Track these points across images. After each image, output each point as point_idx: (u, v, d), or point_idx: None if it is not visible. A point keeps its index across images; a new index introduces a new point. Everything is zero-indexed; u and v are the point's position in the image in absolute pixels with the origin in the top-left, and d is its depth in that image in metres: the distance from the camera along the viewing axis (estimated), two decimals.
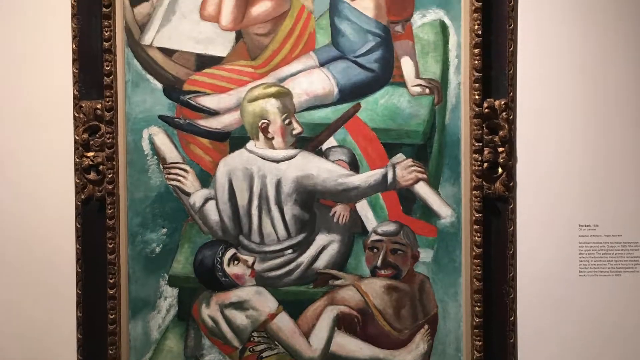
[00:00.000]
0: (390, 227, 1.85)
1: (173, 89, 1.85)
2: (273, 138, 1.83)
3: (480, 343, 1.83)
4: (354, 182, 1.84)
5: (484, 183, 1.84)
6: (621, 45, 1.86)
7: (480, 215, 1.83)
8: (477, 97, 1.82)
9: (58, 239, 1.87)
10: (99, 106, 1.83)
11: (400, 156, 1.86)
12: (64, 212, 1.86)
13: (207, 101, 1.85)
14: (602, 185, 1.86)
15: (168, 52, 1.85)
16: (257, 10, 1.85)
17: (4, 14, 1.87)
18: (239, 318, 1.84)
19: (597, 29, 1.85)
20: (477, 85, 1.82)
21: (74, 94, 1.84)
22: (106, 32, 1.82)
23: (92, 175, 1.85)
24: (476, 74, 1.82)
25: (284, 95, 1.83)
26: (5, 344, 1.87)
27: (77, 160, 1.85)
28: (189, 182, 1.85)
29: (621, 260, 1.86)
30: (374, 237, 1.85)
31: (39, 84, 1.86)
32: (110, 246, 1.83)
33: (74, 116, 1.85)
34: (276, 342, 1.85)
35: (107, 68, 1.82)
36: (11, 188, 1.87)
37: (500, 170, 1.85)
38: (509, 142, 1.85)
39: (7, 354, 1.87)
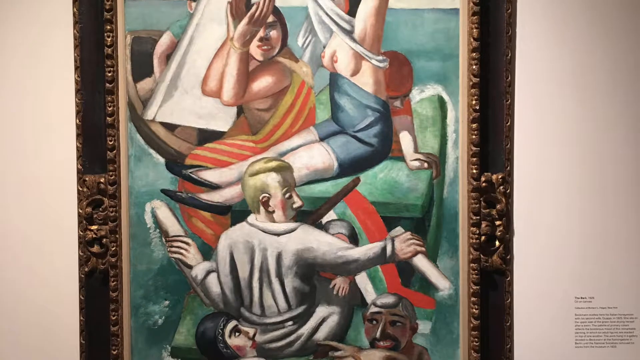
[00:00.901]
0: (389, 300, 1.90)
1: (175, 163, 1.90)
2: (274, 211, 1.88)
3: None
4: (353, 255, 1.89)
5: (482, 256, 1.89)
6: (619, 117, 1.91)
7: (477, 287, 1.88)
8: (474, 171, 1.87)
9: (62, 311, 1.92)
10: (102, 180, 1.89)
11: (399, 229, 1.91)
12: (68, 284, 1.91)
13: (209, 175, 1.90)
14: (597, 258, 1.92)
15: (170, 127, 1.90)
16: (258, 85, 1.90)
17: (10, 90, 1.92)
18: None
19: (593, 102, 1.91)
20: (474, 159, 1.87)
21: (77, 168, 1.90)
22: (109, 107, 1.88)
23: (96, 248, 1.90)
24: (474, 148, 1.87)
25: (284, 169, 1.88)
26: None
27: (81, 233, 1.90)
28: (191, 255, 1.90)
29: (617, 332, 1.91)
30: (373, 309, 1.91)
31: (44, 158, 1.93)
32: (114, 318, 1.89)
33: (78, 190, 1.90)
34: None
35: (111, 142, 1.88)
36: (16, 260, 1.93)
37: (497, 243, 1.90)
38: (506, 215, 1.90)
39: None
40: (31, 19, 1.91)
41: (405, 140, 1.91)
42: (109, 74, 1.87)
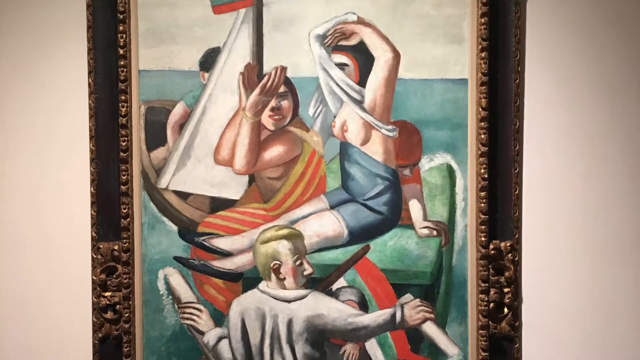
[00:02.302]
0: None
1: (188, 231, 1.97)
2: (285, 278, 1.95)
3: None
4: (363, 321, 1.95)
5: (490, 323, 1.95)
6: (626, 184, 1.96)
7: (486, 354, 1.94)
8: (483, 239, 1.94)
9: None
10: (116, 247, 1.96)
11: (408, 296, 1.97)
12: (82, 351, 1.99)
13: (221, 243, 1.97)
14: (605, 328, 1.97)
15: (183, 195, 1.97)
16: (269, 154, 1.97)
17: (27, 158, 2.01)
18: None
19: (600, 172, 1.98)
20: (483, 227, 1.94)
21: (92, 235, 1.97)
22: (123, 176, 1.95)
23: (109, 315, 1.97)
24: (482, 216, 1.93)
25: (295, 237, 1.95)
26: None
27: (95, 299, 1.97)
28: (203, 321, 1.97)
29: None
30: None
31: (59, 225, 2.01)
32: None
33: (92, 257, 1.97)
34: None
35: (124, 211, 1.95)
36: (31, 327, 2.01)
37: (506, 310, 1.96)
38: (515, 282, 1.96)
39: None
40: (48, 90, 2.01)
41: (414, 208, 1.97)
42: (124, 143, 1.94)
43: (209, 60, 1.96)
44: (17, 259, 2.01)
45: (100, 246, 1.97)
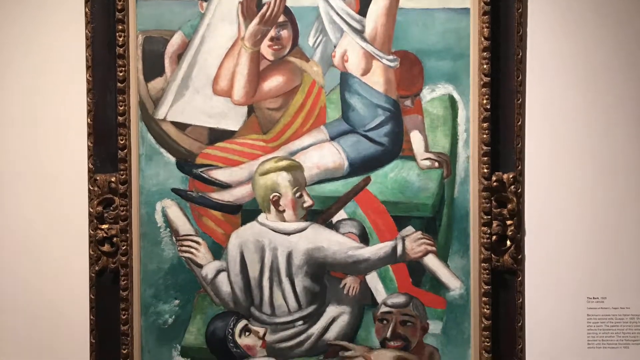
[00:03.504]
0: (399, 299, 1.96)
1: (186, 163, 1.98)
2: (284, 211, 1.95)
3: None
4: (364, 254, 1.95)
5: (493, 256, 1.96)
6: (630, 117, 1.97)
7: (489, 287, 1.95)
8: (485, 170, 1.94)
9: (72, 310, 2.00)
10: (113, 179, 1.96)
11: (409, 229, 1.97)
12: (78, 283, 1.99)
13: (220, 174, 1.98)
14: (610, 258, 1.98)
15: (181, 126, 1.98)
16: (268, 85, 1.97)
17: (22, 89, 2.02)
18: None
19: (604, 103, 1.99)
20: (485, 159, 1.95)
21: (88, 167, 1.97)
22: (121, 106, 1.95)
23: (106, 247, 1.97)
24: (485, 147, 1.94)
25: (295, 168, 1.95)
26: None
27: (92, 232, 1.97)
28: (201, 254, 1.97)
29: (629, 333, 1.97)
30: (383, 308, 1.97)
31: (55, 157, 2.02)
32: (124, 317, 1.96)
33: (89, 189, 1.98)
34: None
35: (122, 142, 1.96)
36: (27, 259, 2.02)
37: (508, 243, 1.97)
38: (517, 215, 1.96)
39: None
40: (43, 20, 2.01)
41: (416, 139, 1.98)
42: (121, 74, 1.95)
43: None
44: (12, 192, 2.02)
45: (97, 178, 1.98)
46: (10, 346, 2.01)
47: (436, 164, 1.98)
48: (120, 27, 1.95)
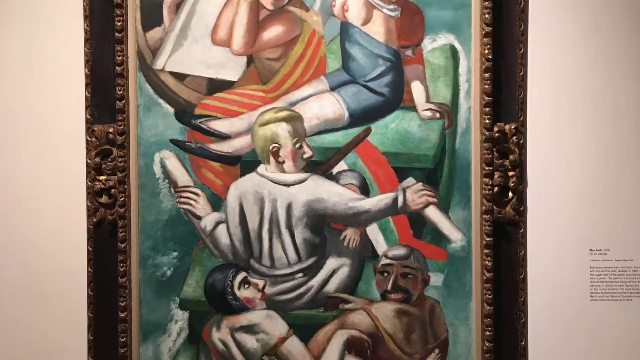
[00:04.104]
0: (400, 251, 1.96)
1: (184, 113, 1.97)
2: (284, 162, 1.95)
3: None
4: (364, 206, 1.95)
5: (495, 207, 1.95)
6: (633, 68, 1.96)
7: (490, 239, 1.94)
8: (487, 121, 1.94)
9: (69, 262, 2.00)
10: (111, 130, 1.95)
11: (410, 180, 1.97)
12: (76, 236, 1.99)
13: (219, 125, 1.97)
14: (613, 210, 1.98)
15: (180, 77, 1.98)
16: (268, 35, 1.97)
17: (18, 38, 2.00)
18: (250, 342, 1.95)
19: (607, 53, 1.98)
20: (487, 109, 1.94)
21: (86, 118, 1.97)
22: (118, 56, 1.95)
23: (104, 199, 1.97)
24: (486, 98, 1.94)
25: (294, 119, 1.95)
26: None
27: (89, 183, 1.97)
28: (200, 205, 1.97)
29: (632, 285, 1.96)
30: (384, 261, 1.96)
31: (52, 108, 2.01)
32: (122, 269, 1.95)
33: (86, 140, 1.98)
34: None
35: (120, 92, 1.95)
36: (23, 211, 2.01)
37: (510, 194, 1.96)
38: (520, 166, 1.95)
39: None
40: None
41: (416, 89, 1.98)
42: (119, 23, 1.95)
43: None
44: (9, 143, 2.02)
45: (95, 129, 1.97)
46: (7, 297, 2.01)
47: (437, 115, 1.98)
48: None
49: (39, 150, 2.00)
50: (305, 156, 1.97)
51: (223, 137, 1.99)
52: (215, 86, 1.99)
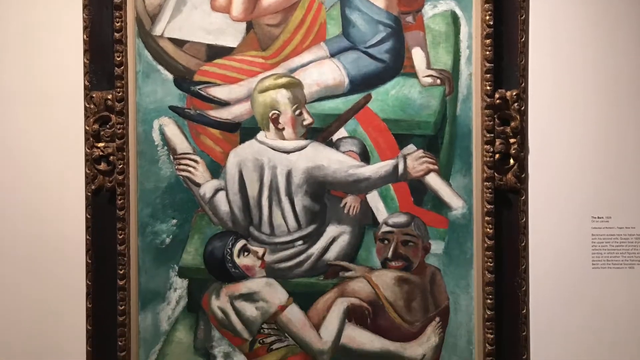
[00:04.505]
0: (401, 219, 1.95)
1: (184, 80, 1.97)
2: (283, 129, 1.94)
3: (492, 336, 1.93)
4: (364, 173, 1.94)
5: (496, 174, 1.94)
6: (636, 33, 1.96)
7: (491, 206, 1.93)
8: (488, 88, 1.93)
9: (68, 230, 2.00)
10: (109, 97, 1.95)
11: (411, 147, 1.96)
12: (74, 203, 1.98)
13: (218, 92, 1.97)
14: (615, 177, 1.97)
15: (179, 43, 1.98)
16: (268, 1, 1.97)
17: (16, 5, 2.00)
18: (249, 310, 1.95)
19: (610, 18, 1.98)
20: (488, 76, 1.94)
21: (84, 84, 1.97)
22: (117, 22, 1.95)
23: (103, 166, 1.96)
24: (487, 64, 1.93)
25: (294, 86, 1.94)
26: (14, 334, 1.98)
27: (88, 150, 1.97)
28: (199, 172, 1.96)
29: (635, 253, 1.96)
30: (384, 228, 1.95)
31: (50, 75, 2.01)
32: (120, 237, 1.95)
33: (85, 107, 1.97)
34: (286, 334, 1.96)
35: (118, 59, 1.95)
36: (21, 178, 2.01)
37: (511, 161, 1.95)
38: (521, 133, 1.95)
39: (16, 343, 1.98)
40: None
41: (417, 56, 1.97)
42: None
43: None
44: (7, 110, 2.02)
45: (93, 95, 1.97)
46: (5, 264, 2.00)
47: (438, 81, 1.97)
48: None
49: (37, 117, 2.00)
50: (305, 123, 1.96)
51: (222, 103, 1.98)
52: (215, 52, 1.98)
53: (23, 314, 2.00)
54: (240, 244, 1.97)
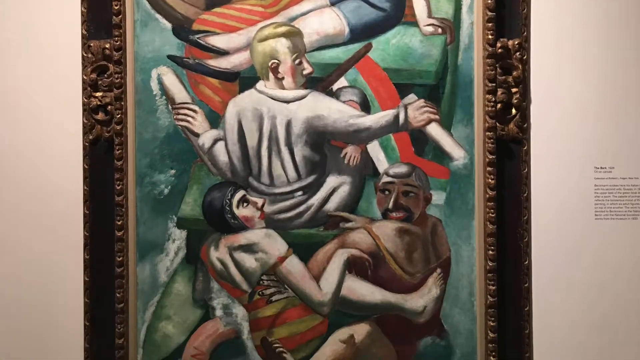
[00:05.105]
0: (402, 169, 1.94)
1: (182, 29, 1.96)
2: (283, 78, 1.93)
3: (493, 287, 1.92)
4: (365, 123, 1.93)
5: (497, 124, 1.94)
6: None
7: (493, 157, 1.93)
8: (490, 37, 1.92)
9: (65, 181, 1.99)
10: (107, 46, 1.94)
11: (412, 97, 1.95)
12: (72, 153, 1.98)
13: (217, 41, 1.96)
14: (618, 126, 1.97)
15: None
16: None
17: None
18: (248, 261, 1.93)
19: None
20: (490, 24, 1.93)
21: (82, 33, 1.96)
22: None
23: (100, 116, 1.96)
24: (489, 13, 1.93)
25: (294, 34, 1.93)
26: (10, 284, 1.97)
27: (85, 100, 1.96)
28: (198, 122, 1.95)
29: (638, 204, 1.96)
30: (385, 179, 1.94)
31: (47, 23, 2.00)
32: (118, 187, 1.94)
33: (82, 56, 1.97)
34: (286, 286, 1.95)
35: (116, 7, 1.95)
36: (17, 127, 2.00)
37: (514, 111, 1.95)
38: (523, 82, 1.94)
39: (12, 293, 1.97)
40: None
41: (418, 4, 1.97)
42: None
43: None
44: (3, 58, 2.00)
45: (91, 44, 1.96)
46: (1, 214, 1.99)
47: (439, 30, 1.96)
48: None
49: (34, 66, 1.99)
50: (305, 72, 1.95)
51: (221, 53, 1.97)
52: (214, 1, 1.97)
53: (18, 264, 1.99)
54: (240, 194, 1.96)
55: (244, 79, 1.97)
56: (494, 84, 1.94)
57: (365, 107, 1.96)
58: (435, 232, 1.97)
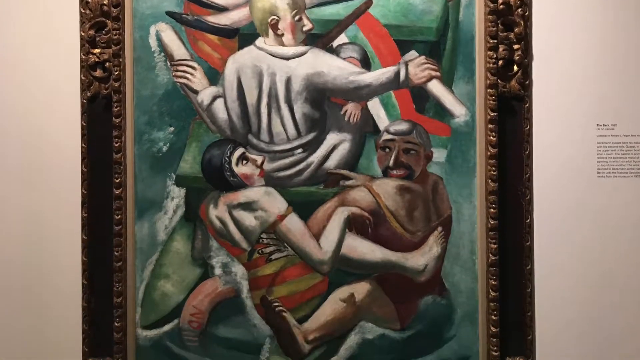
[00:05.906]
0: (402, 126, 1.94)
1: None
2: (283, 35, 1.92)
3: (495, 246, 1.92)
4: (365, 79, 1.93)
5: (499, 81, 1.93)
6: None
7: (495, 114, 1.92)
8: None
9: (63, 138, 1.99)
10: (105, 2, 1.95)
11: (413, 53, 1.95)
12: (70, 110, 1.97)
13: None
14: (621, 83, 1.97)
15: None
16: None
17: None
18: (248, 219, 1.93)
19: None
20: None
21: None
22: None
23: (98, 73, 1.95)
24: None
25: None
26: (8, 242, 1.96)
27: (83, 57, 1.95)
28: (197, 79, 1.95)
29: None
30: (386, 136, 1.94)
31: None
32: (117, 145, 1.93)
33: (80, 12, 1.96)
34: (285, 244, 1.94)
35: None
36: (15, 85, 1.99)
37: (515, 68, 1.94)
38: (525, 39, 1.94)
39: (10, 251, 1.96)
40: None
41: None
42: None
43: None
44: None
45: (89, 0, 1.96)
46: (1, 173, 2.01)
47: None
48: None
49: (31, 23, 1.98)
50: (304, 29, 1.95)
51: (220, 9, 1.97)
52: None
53: (17, 223, 1.98)
54: (239, 152, 1.95)
55: (244, 36, 1.97)
56: (495, 41, 1.94)
57: (366, 63, 1.96)
58: (436, 190, 1.96)
